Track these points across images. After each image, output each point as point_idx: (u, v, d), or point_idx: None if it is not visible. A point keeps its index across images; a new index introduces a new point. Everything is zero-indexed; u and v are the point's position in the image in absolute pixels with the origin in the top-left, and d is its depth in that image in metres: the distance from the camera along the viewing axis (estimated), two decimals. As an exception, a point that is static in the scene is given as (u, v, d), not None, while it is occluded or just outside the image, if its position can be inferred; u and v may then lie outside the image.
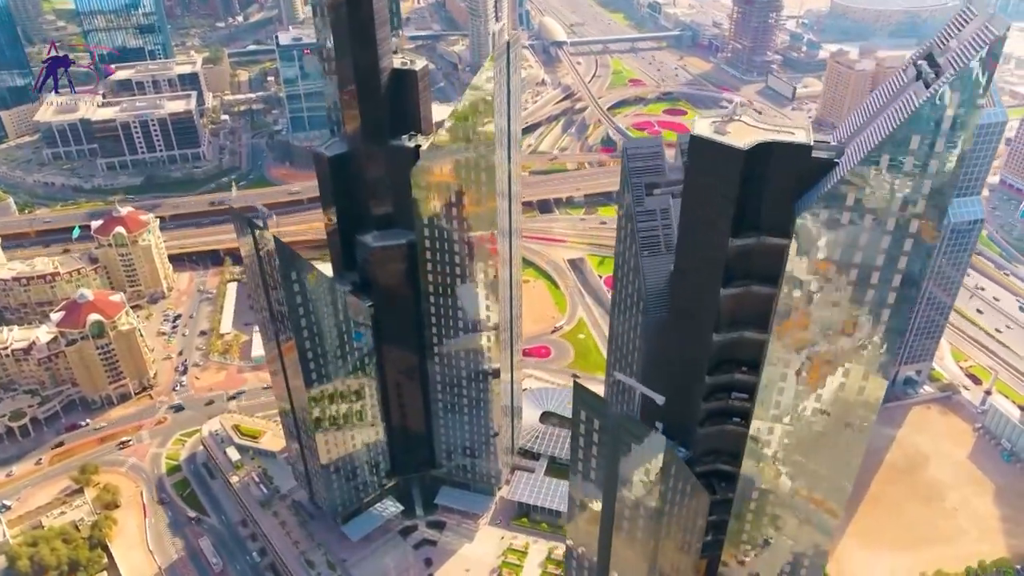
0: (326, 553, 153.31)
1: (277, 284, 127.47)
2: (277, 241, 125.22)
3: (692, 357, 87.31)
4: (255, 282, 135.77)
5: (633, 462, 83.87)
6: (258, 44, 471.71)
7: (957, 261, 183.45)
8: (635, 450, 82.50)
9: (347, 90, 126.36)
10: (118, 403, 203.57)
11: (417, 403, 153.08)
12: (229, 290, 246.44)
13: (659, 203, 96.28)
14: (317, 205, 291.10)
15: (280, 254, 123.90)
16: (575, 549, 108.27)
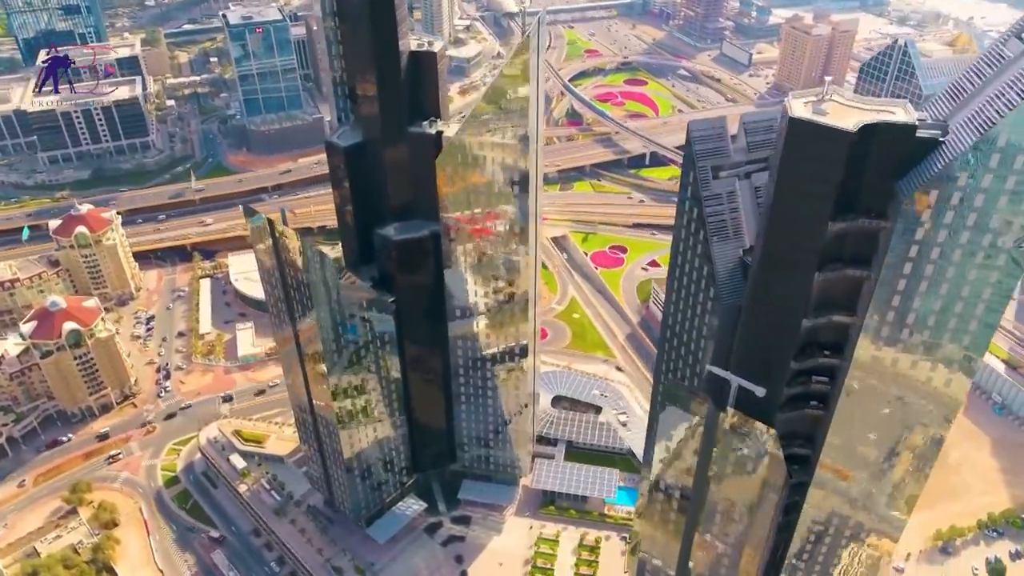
0: (353, 558, 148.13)
1: (302, 285, 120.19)
2: (304, 240, 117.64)
3: (778, 343, 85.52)
4: (271, 282, 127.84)
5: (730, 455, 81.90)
6: (194, 23, 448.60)
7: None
8: (734, 442, 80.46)
9: (365, 75, 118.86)
10: (100, 415, 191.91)
11: (438, 396, 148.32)
12: (203, 287, 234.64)
13: (724, 186, 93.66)
14: (284, 193, 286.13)
15: (309, 253, 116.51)
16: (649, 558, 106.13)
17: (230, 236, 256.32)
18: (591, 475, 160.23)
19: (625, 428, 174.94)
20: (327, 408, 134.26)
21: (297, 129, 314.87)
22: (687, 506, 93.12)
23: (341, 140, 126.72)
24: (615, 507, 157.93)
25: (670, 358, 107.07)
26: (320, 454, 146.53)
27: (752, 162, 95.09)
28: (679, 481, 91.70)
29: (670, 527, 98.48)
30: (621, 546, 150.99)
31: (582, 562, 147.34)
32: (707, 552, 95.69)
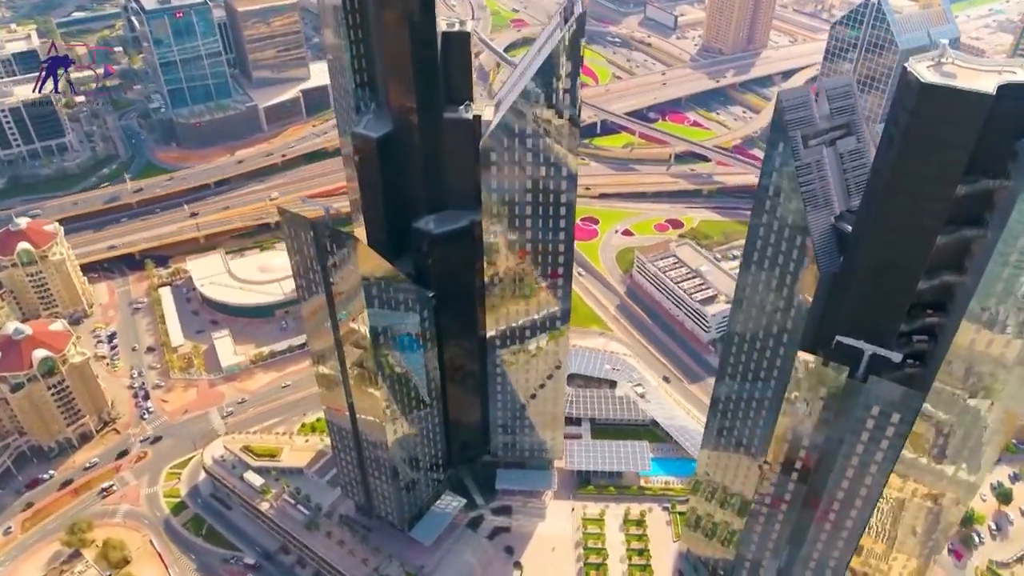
0: (402, 564, 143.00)
1: (352, 286, 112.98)
2: (351, 238, 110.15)
3: (891, 306, 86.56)
4: (310, 286, 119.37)
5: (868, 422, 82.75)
6: (85, 11, 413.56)
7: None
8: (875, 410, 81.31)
9: (400, 59, 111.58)
10: (80, 446, 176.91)
11: (473, 386, 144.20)
12: (164, 297, 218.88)
13: (814, 155, 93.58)
14: (227, 189, 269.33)
15: (357, 253, 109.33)
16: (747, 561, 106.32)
17: (183, 239, 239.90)
18: (622, 450, 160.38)
19: (644, 399, 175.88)
20: (372, 412, 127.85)
21: (230, 120, 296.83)
22: (803, 481, 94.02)
23: (368, 130, 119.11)
24: (650, 479, 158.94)
25: (742, 339, 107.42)
26: (358, 460, 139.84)
27: (835, 128, 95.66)
28: (794, 456, 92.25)
29: (776, 500, 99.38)
30: (665, 517, 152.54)
31: (632, 537, 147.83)
32: (827, 525, 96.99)
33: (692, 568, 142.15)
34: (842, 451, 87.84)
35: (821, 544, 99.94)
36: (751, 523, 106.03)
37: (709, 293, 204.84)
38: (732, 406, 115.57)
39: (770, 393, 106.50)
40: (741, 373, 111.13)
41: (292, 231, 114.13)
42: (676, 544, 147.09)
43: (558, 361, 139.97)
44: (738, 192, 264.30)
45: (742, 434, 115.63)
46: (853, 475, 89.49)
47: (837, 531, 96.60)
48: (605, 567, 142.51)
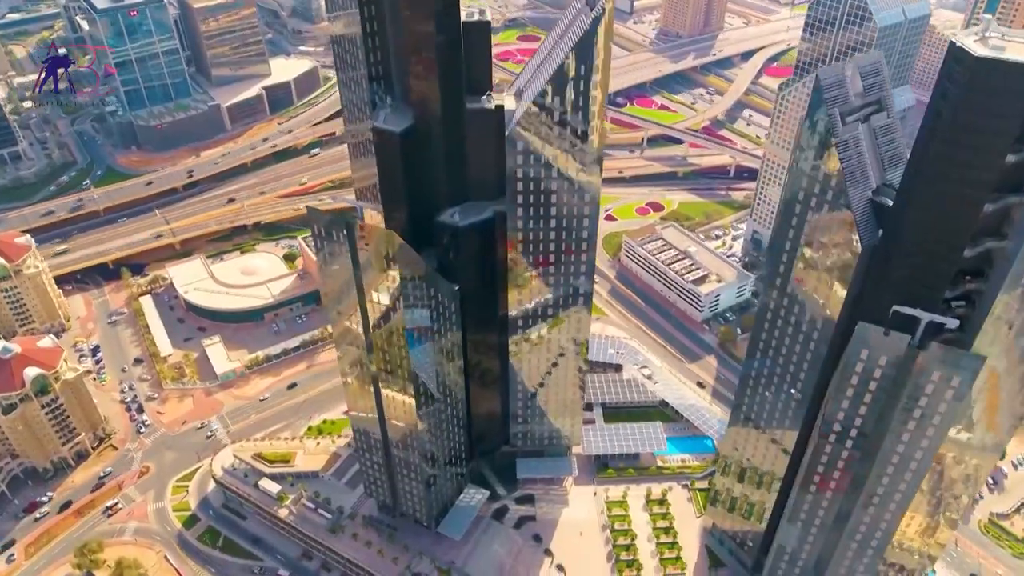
0: (433, 560, 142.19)
1: (386, 283, 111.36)
2: (389, 235, 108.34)
3: (937, 273, 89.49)
4: (340, 285, 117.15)
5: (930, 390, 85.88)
6: (19, 12, 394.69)
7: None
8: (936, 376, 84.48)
9: (423, 50, 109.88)
10: (76, 465, 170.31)
11: (495, 378, 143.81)
12: (146, 306, 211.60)
13: (850, 131, 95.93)
14: (201, 190, 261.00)
15: (395, 249, 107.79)
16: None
17: (158, 246, 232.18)
18: (637, 432, 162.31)
19: (652, 381, 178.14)
20: (401, 408, 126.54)
21: (192, 120, 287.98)
22: (859, 453, 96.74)
23: (389, 124, 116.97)
24: (667, 458, 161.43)
25: (776, 315, 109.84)
26: (385, 459, 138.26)
27: (867, 105, 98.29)
28: (850, 425, 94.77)
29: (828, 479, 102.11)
30: (685, 494, 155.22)
31: (656, 516, 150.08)
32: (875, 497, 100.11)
33: (718, 542, 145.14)
34: (897, 418, 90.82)
35: (869, 515, 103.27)
36: (800, 497, 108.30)
37: (700, 273, 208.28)
38: (764, 382, 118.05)
39: (806, 367, 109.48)
40: (775, 348, 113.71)
41: (323, 230, 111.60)
42: (699, 520, 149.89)
43: (578, 347, 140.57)
44: (712, 173, 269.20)
45: (774, 409, 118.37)
46: (908, 442, 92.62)
47: (885, 501, 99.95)
48: (635, 548, 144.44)
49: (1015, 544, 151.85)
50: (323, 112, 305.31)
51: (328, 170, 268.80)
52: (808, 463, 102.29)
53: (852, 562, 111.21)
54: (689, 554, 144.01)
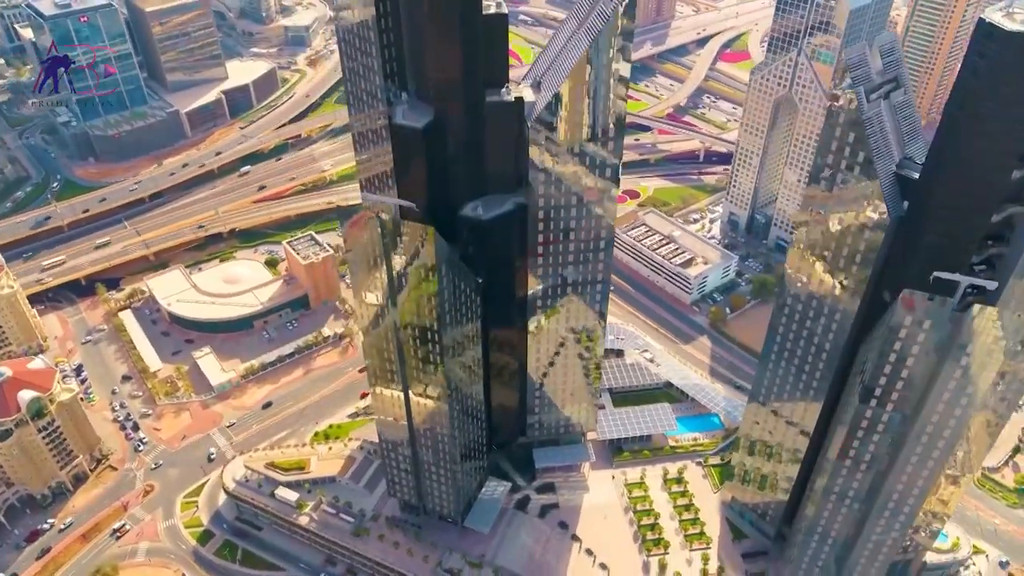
0: (464, 555, 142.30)
1: (421, 278, 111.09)
2: (426, 230, 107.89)
3: (966, 239, 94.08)
4: (371, 282, 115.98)
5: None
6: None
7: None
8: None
9: (446, 45, 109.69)
10: (75, 488, 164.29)
11: (515, 369, 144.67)
12: (127, 321, 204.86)
13: (874, 108, 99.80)
14: (169, 200, 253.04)
15: (430, 244, 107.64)
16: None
17: (132, 259, 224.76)
18: (647, 414, 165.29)
19: (654, 364, 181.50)
20: (431, 403, 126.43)
21: (152, 128, 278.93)
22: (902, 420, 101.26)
23: (409, 120, 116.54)
24: (678, 437, 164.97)
25: (799, 290, 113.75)
26: (412, 456, 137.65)
27: (887, 82, 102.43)
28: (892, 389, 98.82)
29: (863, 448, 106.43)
30: (700, 471, 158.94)
31: (675, 494, 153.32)
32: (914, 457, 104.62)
33: (738, 514, 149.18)
34: (940, 380, 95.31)
35: (903, 480, 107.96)
36: (836, 465, 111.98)
37: (686, 256, 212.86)
38: (787, 356, 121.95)
39: (831, 338, 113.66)
40: (798, 322, 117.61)
41: (356, 227, 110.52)
42: (717, 495, 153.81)
43: (596, 332, 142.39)
44: (682, 159, 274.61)
45: (798, 382, 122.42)
46: (948, 401, 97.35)
47: (922, 464, 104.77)
48: (659, 526, 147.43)
49: (1008, 495, 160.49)
50: (286, 114, 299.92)
51: (303, 171, 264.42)
52: (848, 430, 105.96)
53: (884, 528, 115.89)
54: (712, 528, 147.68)
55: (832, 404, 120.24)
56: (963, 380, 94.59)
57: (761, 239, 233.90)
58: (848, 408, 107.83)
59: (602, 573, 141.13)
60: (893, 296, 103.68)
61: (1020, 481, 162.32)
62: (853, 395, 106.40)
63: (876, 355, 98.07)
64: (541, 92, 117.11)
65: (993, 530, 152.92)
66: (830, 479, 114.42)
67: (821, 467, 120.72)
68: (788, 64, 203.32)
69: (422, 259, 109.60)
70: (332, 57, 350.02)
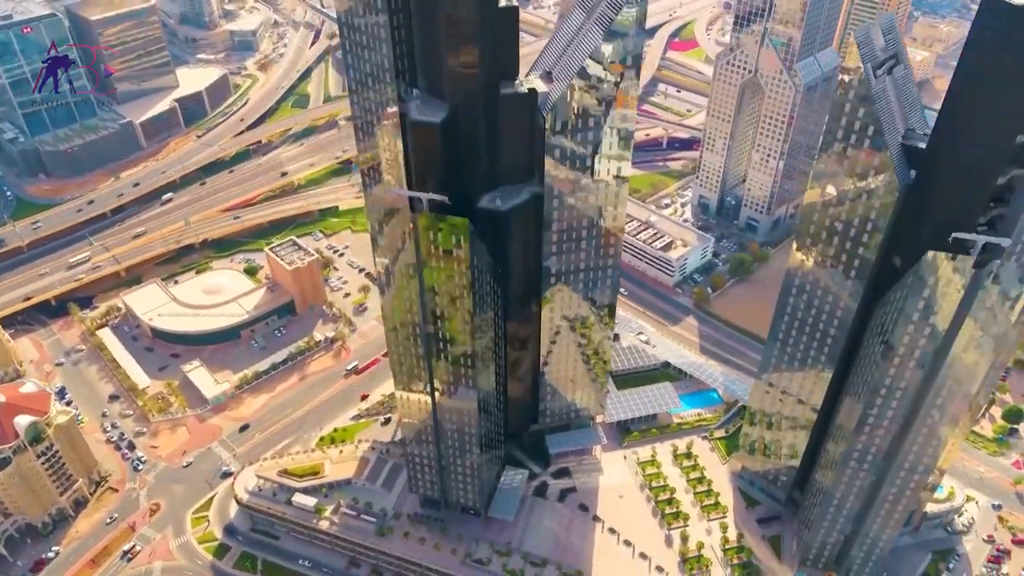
0: (491, 544, 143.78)
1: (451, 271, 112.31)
2: (460, 223, 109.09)
3: (974, 203, 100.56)
4: (400, 275, 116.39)
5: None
6: None
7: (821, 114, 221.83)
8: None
9: (463, 38, 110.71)
10: (76, 514, 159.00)
11: (530, 358, 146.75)
12: (106, 339, 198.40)
13: (881, 83, 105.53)
14: (132, 213, 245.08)
15: (463, 236, 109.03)
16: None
17: (103, 275, 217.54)
18: (650, 394, 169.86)
19: (650, 345, 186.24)
20: (461, 395, 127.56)
21: (105, 141, 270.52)
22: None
23: (425, 116, 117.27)
24: (682, 414, 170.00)
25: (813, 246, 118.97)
26: (436, 450, 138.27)
27: (890, 59, 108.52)
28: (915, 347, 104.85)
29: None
30: (707, 445, 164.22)
31: (687, 469, 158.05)
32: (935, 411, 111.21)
33: (748, 483, 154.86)
34: (960, 333, 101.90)
35: (920, 438, 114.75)
36: (859, 427, 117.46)
37: (666, 240, 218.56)
38: (798, 326, 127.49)
39: (843, 304, 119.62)
40: (809, 292, 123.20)
41: (387, 221, 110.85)
42: (726, 466, 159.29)
43: (606, 316, 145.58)
44: (647, 146, 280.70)
45: (808, 349, 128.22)
46: (967, 355, 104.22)
47: (941, 416, 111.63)
48: (676, 500, 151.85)
49: (988, 445, 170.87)
50: (244, 120, 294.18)
51: (270, 178, 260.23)
52: (868, 391, 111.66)
53: (900, 486, 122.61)
54: (725, 498, 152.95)
55: (842, 372, 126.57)
56: (979, 332, 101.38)
57: (732, 220, 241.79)
58: (867, 370, 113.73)
59: (627, 549, 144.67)
60: (904, 261, 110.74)
61: (998, 431, 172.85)
62: (872, 356, 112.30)
63: (898, 314, 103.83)
64: (554, 83, 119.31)
65: (979, 478, 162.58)
66: (849, 443, 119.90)
67: (836, 432, 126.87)
68: (753, 49, 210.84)
69: (457, 252, 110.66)
70: (282, 61, 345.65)
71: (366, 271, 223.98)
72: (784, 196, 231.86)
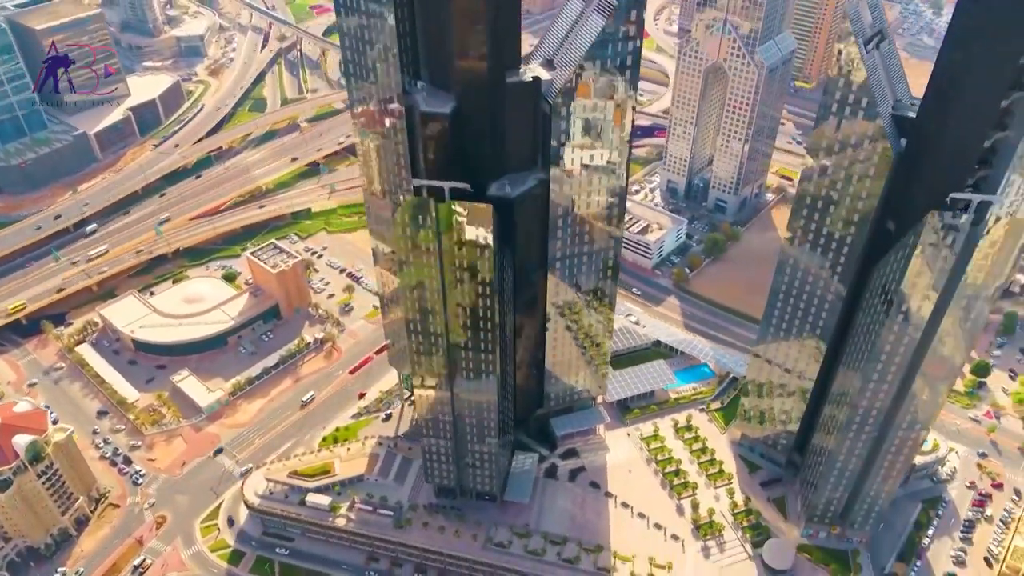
0: (510, 527, 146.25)
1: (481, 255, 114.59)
2: (485, 209, 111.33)
3: (962, 167, 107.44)
4: (421, 263, 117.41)
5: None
6: None
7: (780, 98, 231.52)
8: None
9: (472, 29, 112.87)
10: (79, 533, 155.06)
11: (537, 342, 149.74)
12: (88, 355, 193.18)
13: (871, 58, 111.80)
14: (91, 229, 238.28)
15: (486, 222, 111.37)
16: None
17: (76, 291, 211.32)
18: (646, 372, 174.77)
19: (640, 326, 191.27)
20: (480, 381, 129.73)
21: (60, 154, 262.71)
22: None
23: (434, 107, 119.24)
24: (678, 389, 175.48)
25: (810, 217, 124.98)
26: (454, 438, 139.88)
27: (876, 34, 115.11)
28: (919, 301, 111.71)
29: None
30: (705, 416, 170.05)
31: (689, 441, 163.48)
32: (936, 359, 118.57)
33: (748, 449, 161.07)
34: (960, 286, 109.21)
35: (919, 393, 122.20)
36: (863, 387, 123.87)
37: (642, 224, 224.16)
38: (795, 295, 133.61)
39: (840, 270, 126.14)
40: (806, 261, 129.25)
41: (407, 209, 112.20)
42: (725, 435, 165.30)
43: (607, 297, 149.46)
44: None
45: (807, 315, 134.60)
46: (965, 307, 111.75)
47: (940, 369, 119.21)
48: (683, 471, 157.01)
49: (961, 399, 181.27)
50: (200, 127, 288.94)
51: (235, 184, 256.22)
52: (872, 351, 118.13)
53: (899, 445, 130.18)
54: (728, 466, 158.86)
55: (837, 340, 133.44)
56: (976, 284, 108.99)
57: (701, 202, 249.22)
58: (868, 330, 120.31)
59: (641, 521, 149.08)
60: (897, 225, 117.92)
61: (968, 385, 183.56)
62: (874, 316, 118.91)
63: (901, 271, 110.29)
64: (557, 70, 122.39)
65: (956, 430, 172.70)
66: (851, 405, 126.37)
67: (836, 397, 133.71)
68: (715, 35, 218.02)
69: (484, 238, 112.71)
70: (233, 65, 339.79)
71: (347, 271, 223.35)
72: (749, 177, 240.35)
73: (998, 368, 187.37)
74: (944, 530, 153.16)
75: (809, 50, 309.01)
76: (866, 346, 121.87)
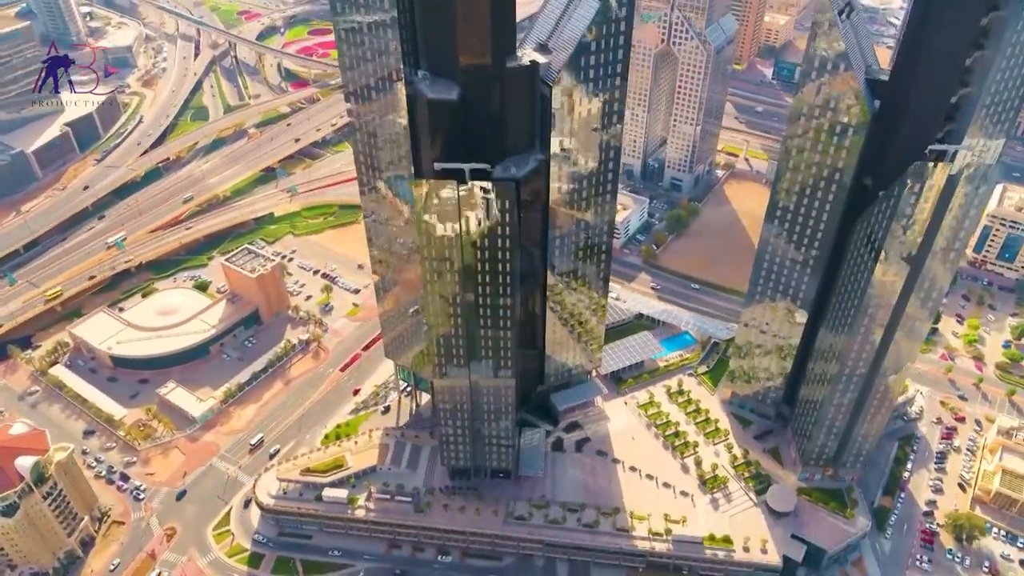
0: (528, 501, 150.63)
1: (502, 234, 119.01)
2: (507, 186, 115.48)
3: (934, 121, 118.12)
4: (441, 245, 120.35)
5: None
6: None
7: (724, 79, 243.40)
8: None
9: (476, 17, 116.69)
10: (86, 553, 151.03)
11: (540, 323, 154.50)
12: (65, 376, 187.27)
13: (847, 27, 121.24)
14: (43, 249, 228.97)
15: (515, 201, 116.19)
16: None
17: (39, 312, 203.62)
18: (634, 344, 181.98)
19: (620, 301, 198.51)
20: (497, 361, 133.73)
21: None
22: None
23: (439, 94, 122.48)
24: (665, 358, 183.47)
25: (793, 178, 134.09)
26: (470, 420, 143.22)
27: (845, 7, 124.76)
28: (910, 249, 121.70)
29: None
30: (694, 380, 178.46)
31: (683, 404, 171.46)
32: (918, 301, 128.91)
33: (739, 406, 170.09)
34: (943, 227, 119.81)
35: (908, 328, 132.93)
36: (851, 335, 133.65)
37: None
38: (782, 250, 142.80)
39: (823, 227, 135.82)
40: (792, 213, 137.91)
41: (431, 192, 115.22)
42: (715, 396, 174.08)
43: (603, 272, 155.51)
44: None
45: (792, 272, 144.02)
46: (944, 251, 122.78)
47: (923, 311, 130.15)
48: (682, 432, 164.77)
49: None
50: (143, 139, 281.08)
51: (195, 192, 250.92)
52: (859, 299, 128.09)
53: (884, 389, 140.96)
54: (723, 423, 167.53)
55: (823, 293, 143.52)
56: (954, 227, 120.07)
57: (657, 182, 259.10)
58: (855, 279, 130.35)
59: (650, 482, 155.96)
60: (875, 180, 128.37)
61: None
62: (861, 265, 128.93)
63: (887, 220, 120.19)
64: (553, 54, 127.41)
65: (918, 373, 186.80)
66: (840, 356, 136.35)
67: (822, 351, 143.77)
68: (664, 21, 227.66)
69: (508, 217, 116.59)
70: (167, 75, 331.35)
71: (321, 272, 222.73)
72: (701, 155, 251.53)
73: (946, 315, 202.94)
74: (920, 463, 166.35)
75: (740, 33, 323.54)
76: (853, 297, 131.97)
